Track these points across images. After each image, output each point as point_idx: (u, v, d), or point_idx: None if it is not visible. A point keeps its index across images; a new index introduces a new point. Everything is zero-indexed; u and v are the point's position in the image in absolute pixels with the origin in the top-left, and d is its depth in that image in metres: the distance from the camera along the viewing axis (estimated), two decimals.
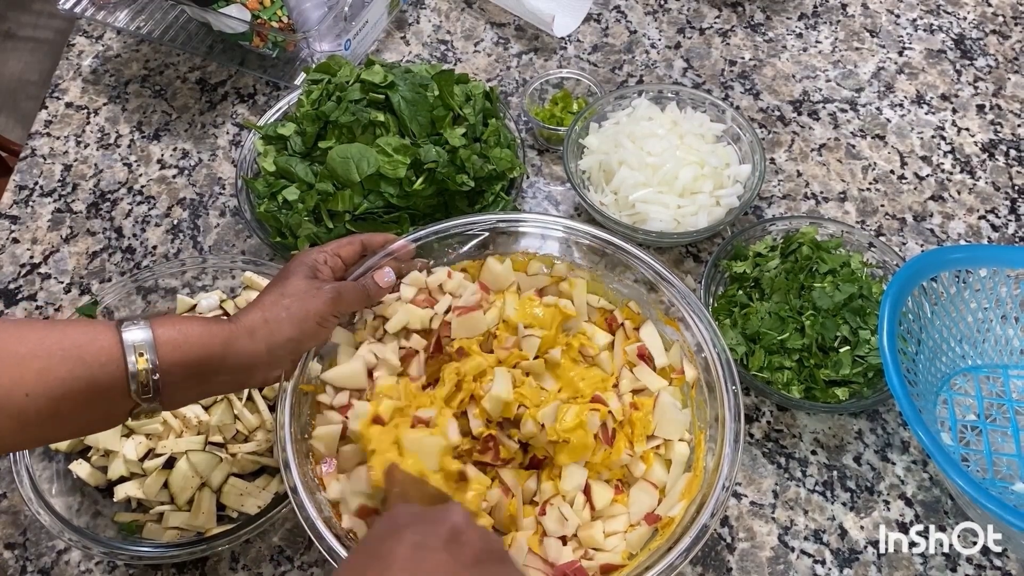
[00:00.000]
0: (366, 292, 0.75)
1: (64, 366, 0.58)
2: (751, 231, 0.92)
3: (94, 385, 0.59)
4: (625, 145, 0.96)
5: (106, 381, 0.60)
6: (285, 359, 0.70)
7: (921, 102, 1.11)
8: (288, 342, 0.68)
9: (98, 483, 0.81)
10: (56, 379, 0.58)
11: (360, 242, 0.78)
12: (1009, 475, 0.78)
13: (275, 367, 0.69)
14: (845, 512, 0.81)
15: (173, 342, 0.62)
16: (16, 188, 1.06)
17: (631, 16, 1.21)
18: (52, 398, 0.58)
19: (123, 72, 1.18)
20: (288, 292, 0.69)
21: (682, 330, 0.78)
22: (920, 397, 0.76)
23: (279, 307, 0.68)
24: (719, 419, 0.72)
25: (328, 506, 0.70)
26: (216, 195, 1.05)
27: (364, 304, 0.76)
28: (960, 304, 0.82)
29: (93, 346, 0.60)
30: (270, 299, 0.69)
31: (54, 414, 0.59)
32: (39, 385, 0.57)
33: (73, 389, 0.59)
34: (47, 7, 2.76)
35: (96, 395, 0.60)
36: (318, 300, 0.69)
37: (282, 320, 0.67)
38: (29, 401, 0.57)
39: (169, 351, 0.62)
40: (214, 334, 0.64)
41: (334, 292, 0.71)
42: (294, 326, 0.68)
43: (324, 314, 0.69)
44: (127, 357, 0.60)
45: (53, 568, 0.80)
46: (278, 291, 0.69)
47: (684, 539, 0.67)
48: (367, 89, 0.93)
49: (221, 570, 0.79)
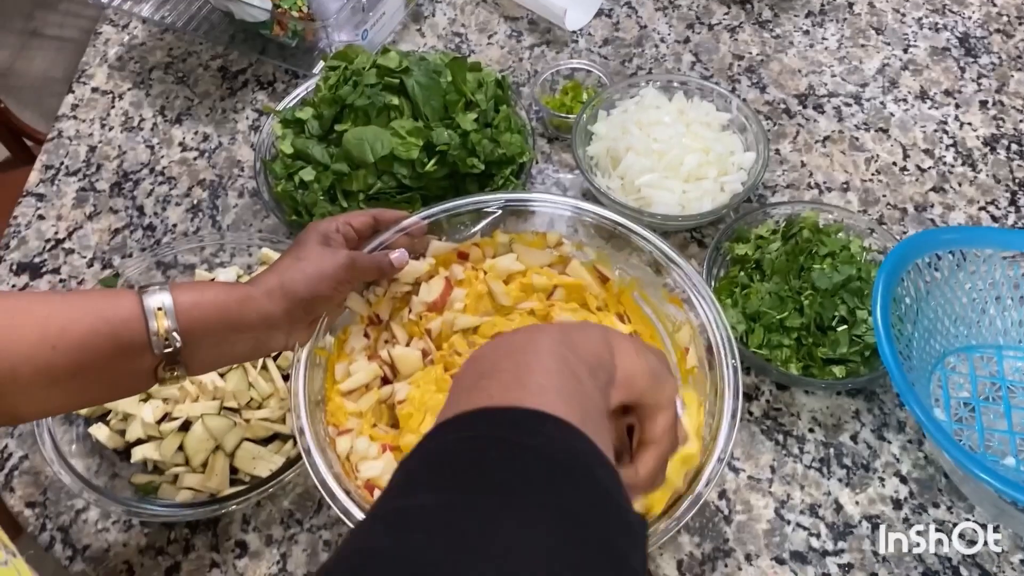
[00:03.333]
0: (379, 266, 0.77)
1: (87, 321, 0.61)
2: (754, 215, 0.94)
3: (117, 342, 0.62)
4: (632, 132, 0.99)
5: (128, 338, 0.63)
6: (302, 320, 0.72)
7: (925, 97, 1.13)
8: (304, 302, 0.70)
9: (116, 446, 0.84)
10: (80, 335, 0.60)
11: (372, 216, 0.80)
12: (1001, 451, 0.80)
13: (293, 328, 0.72)
14: (841, 488, 0.83)
15: (191, 302, 0.65)
16: (43, 167, 1.10)
17: (641, 11, 1.24)
18: (77, 351, 0.60)
19: (147, 59, 1.22)
20: (303, 256, 0.72)
21: (686, 310, 0.80)
22: (914, 371, 0.78)
23: (295, 270, 0.70)
24: (718, 393, 0.74)
25: (339, 463, 0.72)
26: (235, 177, 1.08)
27: (377, 276, 0.79)
28: (955, 285, 0.84)
29: (115, 307, 0.63)
30: (286, 263, 0.71)
31: (80, 370, 0.61)
32: (63, 340, 0.60)
33: (96, 345, 0.61)
34: (73, 7, 2.82)
35: (119, 353, 0.63)
36: (333, 263, 0.71)
37: (297, 281, 0.70)
38: (56, 355, 0.60)
39: (187, 309, 0.64)
40: (231, 294, 0.67)
41: (348, 258, 0.73)
42: (309, 287, 0.70)
43: (339, 278, 0.72)
44: (147, 316, 0.63)
45: (71, 526, 0.83)
46: (293, 256, 0.72)
47: (680, 505, 0.69)
48: (383, 74, 0.96)
49: (233, 531, 0.82)
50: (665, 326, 0.83)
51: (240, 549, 0.81)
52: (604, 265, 0.85)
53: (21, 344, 0.59)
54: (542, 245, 0.86)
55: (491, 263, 0.85)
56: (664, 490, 0.70)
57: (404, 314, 0.82)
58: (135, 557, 0.81)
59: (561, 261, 0.86)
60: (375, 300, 0.81)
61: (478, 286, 0.83)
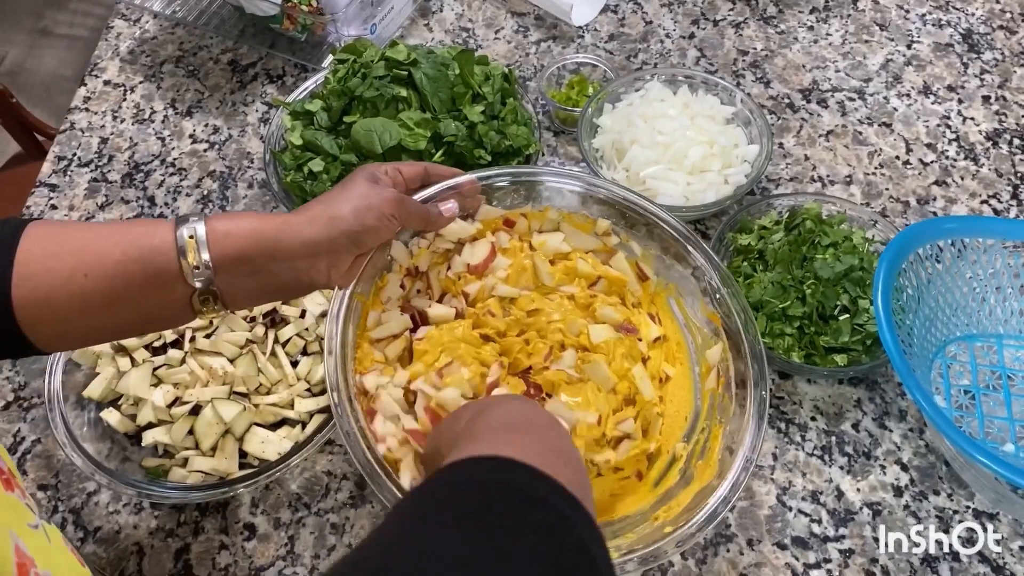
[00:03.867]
0: (428, 214, 0.76)
1: (120, 249, 0.61)
2: (757, 206, 0.95)
3: (150, 270, 0.61)
4: (637, 124, 1.00)
5: (161, 266, 0.62)
6: (346, 252, 0.69)
7: (928, 92, 1.14)
8: (348, 232, 0.68)
9: (127, 430, 0.85)
10: (113, 263, 0.60)
11: (424, 167, 0.79)
12: (1000, 437, 0.81)
13: (335, 260, 0.69)
14: (842, 475, 0.84)
15: (224, 230, 0.63)
16: (55, 159, 1.12)
17: (647, 7, 1.25)
18: (111, 279, 0.60)
19: (159, 53, 1.23)
20: (349, 188, 0.70)
21: (722, 332, 0.79)
22: (915, 360, 0.78)
23: (341, 199, 0.68)
24: (744, 423, 0.74)
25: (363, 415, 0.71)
26: (245, 168, 1.10)
27: (423, 225, 0.77)
28: (956, 275, 0.84)
29: (151, 236, 0.62)
30: (332, 194, 0.70)
31: (114, 297, 0.61)
32: (96, 266, 0.60)
33: (130, 273, 0.61)
34: (82, 5, 2.85)
35: (153, 282, 0.62)
36: (381, 197, 0.69)
37: (344, 211, 0.68)
38: (89, 282, 0.60)
39: (220, 238, 0.63)
40: (268, 222, 0.65)
41: (397, 195, 0.71)
42: (356, 217, 0.68)
43: (386, 212, 0.69)
44: (179, 244, 0.62)
45: (83, 508, 0.85)
46: (339, 188, 0.70)
47: (723, 484, 0.70)
48: (391, 66, 0.98)
49: (241, 514, 0.83)
50: (695, 338, 0.83)
51: (249, 532, 0.82)
52: (646, 264, 0.85)
53: (56, 273, 0.59)
54: (590, 230, 0.85)
55: (541, 240, 0.84)
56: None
57: (442, 269, 0.82)
58: (145, 539, 0.83)
59: (605, 250, 0.86)
60: (417, 252, 0.80)
61: (523, 259, 0.83)
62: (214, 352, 0.88)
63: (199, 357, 0.87)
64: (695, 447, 0.77)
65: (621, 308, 0.84)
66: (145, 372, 0.86)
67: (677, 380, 0.82)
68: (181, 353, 0.88)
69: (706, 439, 0.77)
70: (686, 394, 0.81)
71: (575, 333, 0.80)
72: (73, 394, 0.85)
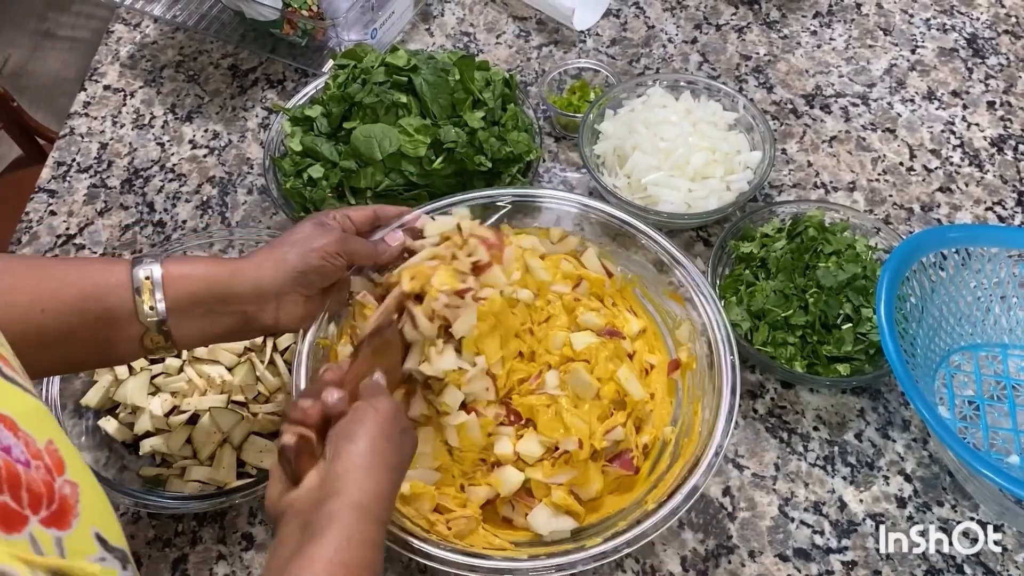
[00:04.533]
0: (374, 248, 0.77)
1: (77, 287, 0.63)
2: (759, 214, 0.95)
3: (104, 309, 0.64)
4: (639, 131, 0.99)
5: (115, 305, 0.64)
6: (291, 291, 0.71)
7: (932, 98, 1.13)
8: (294, 272, 0.70)
9: (125, 438, 0.85)
10: (69, 299, 0.63)
11: (373, 211, 0.80)
12: (1005, 449, 0.80)
13: (282, 302, 0.71)
14: (845, 486, 0.83)
15: (180, 273, 0.66)
16: (55, 164, 1.11)
17: (649, 12, 1.24)
18: (66, 315, 0.62)
19: (159, 58, 1.23)
20: (295, 232, 0.72)
21: (688, 308, 0.81)
22: (918, 369, 0.78)
23: (287, 243, 0.71)
24: (716, 389, 0.75)
25: None
26: (244, 174, 1.09)
27: (371, 260, 0.77)
28: (960, 284, 0.84)
29: (107, 275, 0.65)
30: (279, 239, 0.72)
31: (69, 333, 0.63)
32: (53, 302, 0.62)
33: (85, 310, 0.63)
34: (85, 8, 2.85)
35: (107, 320, 0.64)
36: (324, 238, 0.71)
37: (289, 253, 0.70)
38: (45, 317, 0.62)
39: (175, 280, 0.66)
40: (222, 267, 0.69)
41: (341, 235, 0.73)
42: (299, 258, 0.70)
43: (330, 251, 0.71)
44: (135, 281, 0.65)
45: None
46: (287, 234, 0.73)
47: (675, 497, 0.70)
48: (391, 72, 0.97)
49: (239, 523, 0.83)
50: (665, 322, 0.85)
51: (246, 542, 0.82)
52: (608, 260, 0.87)
53: (14, 307, 0.61)
54: (545, 238, 0.87)
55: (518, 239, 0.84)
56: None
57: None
58: (143, 549, 0.82)
59: (575, 256, 0.87)
60: (380, 281, 0.79)
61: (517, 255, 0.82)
62: (212, 360, 0.87)
63: (197, 366, 0.87)
64: (681, 427, 0.79)
65: (603, 312, 0.85)
66: (143, 380, 0.86)
67: (659, 367, 0.84)
68: (179, 361, 0.87)
69: (689, 417, 0.78)
70: (669, 379, 0.84)
71: (558, 347, 0.81)
72: (71, 402, 0.85)
